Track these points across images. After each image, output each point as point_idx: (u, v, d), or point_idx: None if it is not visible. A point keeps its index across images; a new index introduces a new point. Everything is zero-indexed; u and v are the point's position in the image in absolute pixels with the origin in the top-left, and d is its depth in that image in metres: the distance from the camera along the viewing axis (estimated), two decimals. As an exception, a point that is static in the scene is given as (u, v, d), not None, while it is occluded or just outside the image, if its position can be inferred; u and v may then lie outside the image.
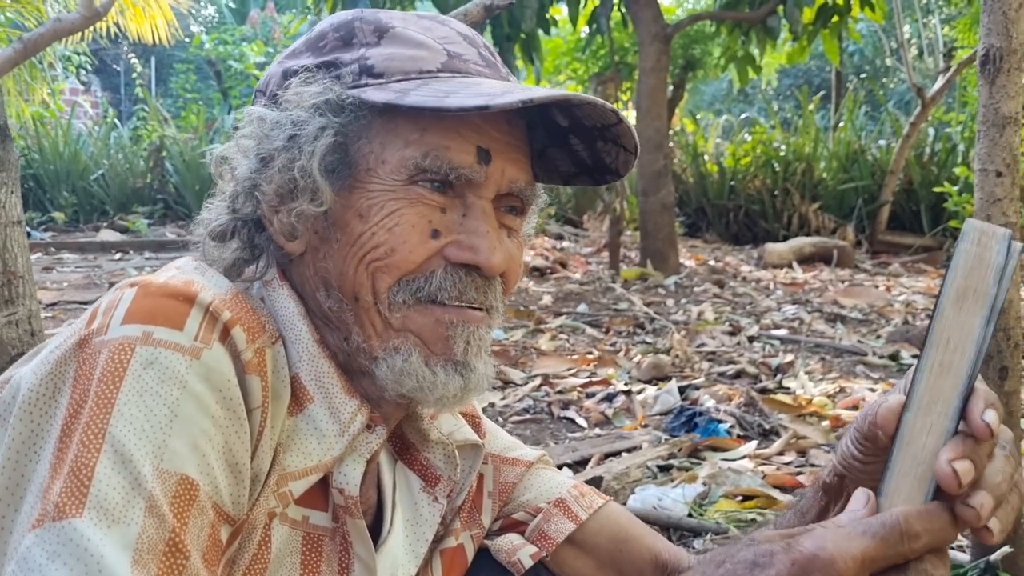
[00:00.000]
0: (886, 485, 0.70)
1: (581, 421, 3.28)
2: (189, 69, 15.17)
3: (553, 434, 3.16)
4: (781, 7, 7.35)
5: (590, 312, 5.53)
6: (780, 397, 3.49)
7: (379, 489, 0.95)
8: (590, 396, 3.57)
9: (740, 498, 2.46)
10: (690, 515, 2.35)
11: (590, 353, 4.34)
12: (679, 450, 2.85)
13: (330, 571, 0.86)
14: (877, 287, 6.97)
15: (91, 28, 6.97)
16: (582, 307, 5.67)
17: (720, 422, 3.08)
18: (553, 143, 0.95)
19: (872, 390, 3.62)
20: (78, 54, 12.34)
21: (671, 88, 9.89)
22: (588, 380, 3.78)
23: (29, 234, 8.54)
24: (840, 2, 7.47)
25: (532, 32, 7.23)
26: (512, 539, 1.06)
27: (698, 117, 13.80)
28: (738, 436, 3.01)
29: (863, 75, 18.29)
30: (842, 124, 10.61)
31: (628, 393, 3.57)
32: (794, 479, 2.59)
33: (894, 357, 4.31)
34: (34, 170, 10.47)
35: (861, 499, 0.70)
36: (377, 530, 0.93)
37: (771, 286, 6.93)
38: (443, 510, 0.98)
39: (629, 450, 2.86)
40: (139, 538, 0.65)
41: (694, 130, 11.69)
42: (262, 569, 0.81)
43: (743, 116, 13.70)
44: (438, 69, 0.85)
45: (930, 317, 0.71)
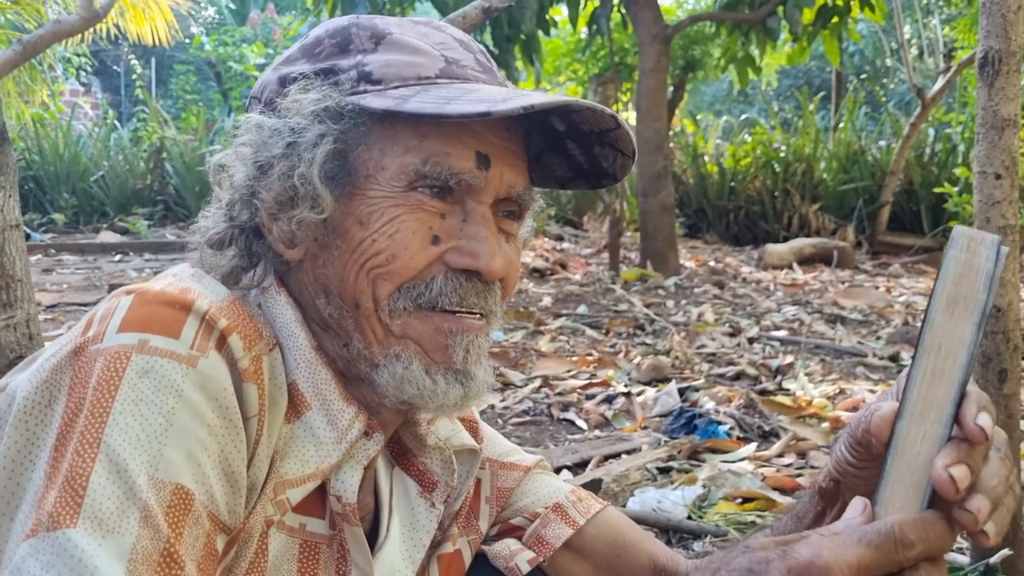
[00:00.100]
0: (881, 494, 0.70)
1: (581, 423, 3.28)
2: (189, 70, 15.17)
3: (553, 436, 3.16)
4: (781, 8, 7.35)
5: (590, 313, 5.52)
6: (780, 399, 3.49)
7: (376, 495, 0.95)
8: (590, 398, 3.57)
9: (740, 500, 2.45)
10: (690, 517, 2.35)
11: (590, 355, 4.34)
12: (679, 452, 2.85)
13: (327, 578, 0.86)
14: (877, 288, 6.97)
15: (91, 29, 6.96)
16: (582, 308, 5.67)
17: (720, 424, 3.08)
18: (550, 148, 0.95)
19: (872, 391, 3.62)
20: (78, 55, 12.36)
21: (671, 89, 9.90)
22: (588, 382, 3.78)
23: (29, 236, 8.55)
24: (840, 3, 7.47)
25: (532, 33, 7.23)
26: (509, 544, 1.06)
27: (698, 118, 13.79)
28: (738, 438, 3.01)
29: (863, 76, 18.28)
30: (842, 125, 10.60)
31: (628, 395, 3.57)
32: (794, 481, 2.58)
33: (894, 358, 4.31)
34: (34, 172, 10.49)
35: (858, 507, 0.71)
36: (374, 536, 0.93)
37: (771, 287, 6.93)
38: (440, 515, 0.98)
39: (629, 452, 2.86)
40: (134, 548, 0.65)
41: (694, 131, 11.69)
42: (259, 577, 0.80)
43: (743, 117, 13.70)
44: (436, 75, 0.85)
45: (921, 324, 0.71)
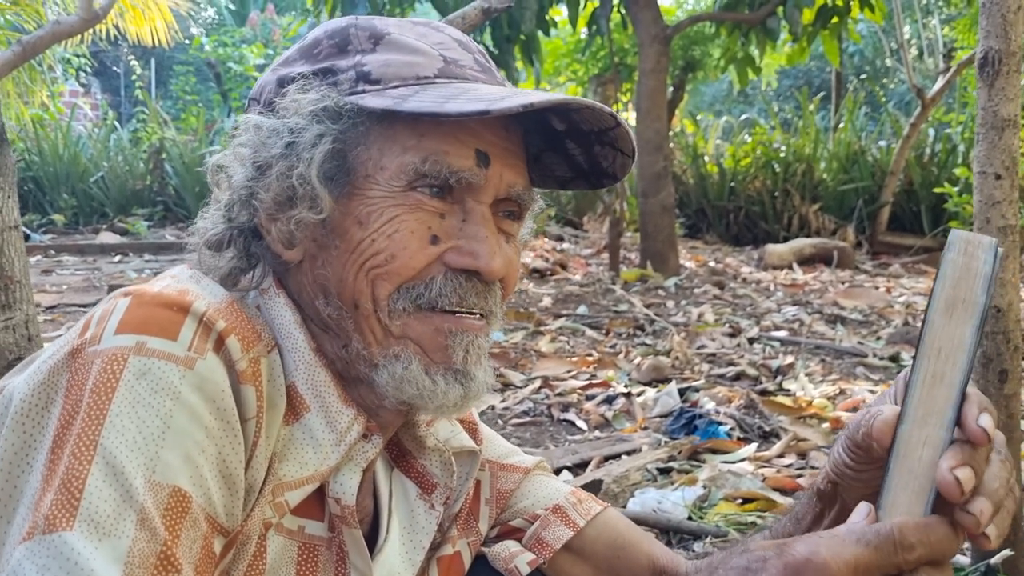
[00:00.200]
0: (884, 499, 0.70)
1: (581, 424, 3.28)
2: (189, 71, 15.17)
3: (553, 437, 3.16)
4: (781, 8, 7.35)
5: (590, 314, 5.52)
6: (780, 399, 3.48)
7: (375, 497, 0.95)
8: (590, 398, 3.57)
9: (740, 501, 2.45)
10: (690, 518, 2.35)
11: (590, 355, 4.34)
12: (679, 453, 2.85)
13: (326, 581, 0.85)
14: (877, 288, 6.96)
15: (90, 30, 6.96)
16: (582, 309, 5.66)
17: (720, 424, 3.08)
18: (549, 148, 0.95)
19: (872, 392, 3.62)
20: (78, 56, 12.37)
21: (671, 89, 9.90)
22: (588, 382, 3.78)
23: (28, 237, 8.55)
24: (840, 3, 7.47)
25: (532, 33, 7.23)
26: (509, 546, 1.05)
27: (698, 118, 13.80)
28: (738, 438, 3.01)
29: (863, 76, 18.29)
30: (842, 125, 10.60)
31: (628, 395, 3.57)
32: (794, 482, 2.58)
33: (894, 359, 4.31)
34: (33, 172, 10.49)
35: (862, 511, 0.71)
36: (373, 538, 0.92)
37: (771, 287, 6.93)
38: (440, 517, 0.98)
39: (629, 453, 2.86)
40: (130, 551, 0.64)
41: (694, 131, 11.69)
42: (257, 579, 0.80)
43: (743, 117, 13.70)
44: (435, 75, 0.85)
45: (920, 328, 0.71)
